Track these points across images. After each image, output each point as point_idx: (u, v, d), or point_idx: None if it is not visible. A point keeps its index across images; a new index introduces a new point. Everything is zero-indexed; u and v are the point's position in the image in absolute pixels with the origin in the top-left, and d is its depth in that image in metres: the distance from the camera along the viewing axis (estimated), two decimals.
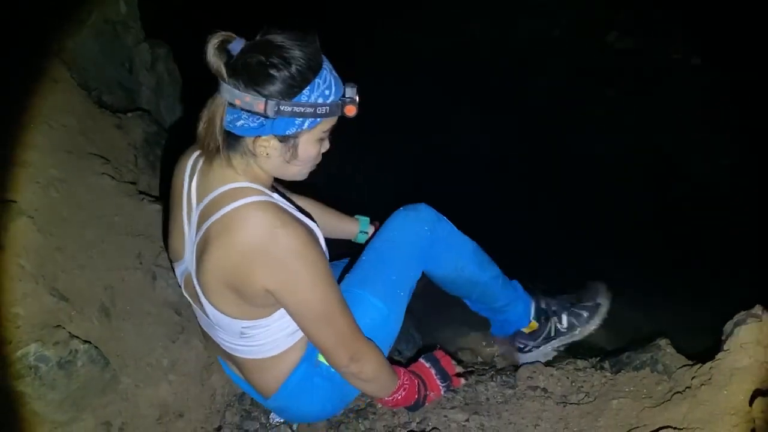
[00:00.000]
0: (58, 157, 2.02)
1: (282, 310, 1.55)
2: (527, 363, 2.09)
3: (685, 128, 4.63)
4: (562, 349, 2.14)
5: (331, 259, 1.62)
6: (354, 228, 2.12)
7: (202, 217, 1.47)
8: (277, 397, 1.71)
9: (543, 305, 2.12)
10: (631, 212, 3.93)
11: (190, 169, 1.57)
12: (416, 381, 1.86)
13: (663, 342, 1.98)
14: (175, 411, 1.82)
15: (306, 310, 1.48)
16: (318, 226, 1.64)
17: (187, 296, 1.68)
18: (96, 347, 1.64)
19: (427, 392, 1.89)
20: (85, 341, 1.62)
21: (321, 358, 1.69)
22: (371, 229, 2.13)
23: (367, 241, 1.89)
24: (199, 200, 1.51)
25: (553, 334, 2.09)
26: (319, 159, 1.54)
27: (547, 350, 2.13)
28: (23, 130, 1.97)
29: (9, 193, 1.77)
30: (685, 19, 5.35)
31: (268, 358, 1.64)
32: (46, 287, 1.66)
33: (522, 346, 2.18)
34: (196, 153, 1.56)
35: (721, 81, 4.75)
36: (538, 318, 2.10)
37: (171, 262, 1.68)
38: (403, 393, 1.81)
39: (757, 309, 1.75)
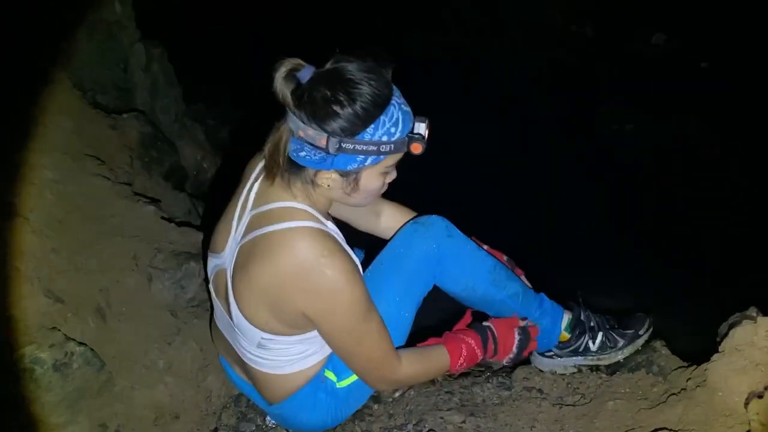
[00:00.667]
0: (52, 158, 2.02)
1: (304, 335, 1.56)
2: (523, 365, 2.08)
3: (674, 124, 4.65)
4: (583, 368, 2.03)
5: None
6: None
7: (253, 224, 1.47)
8: (281, 406, 1.71)
9: (582, 317, 2.00)
10: (625, 213, 3.94)
11: (258, 171, 1.56)
12: (475, 348, 1.73)
13: (658, 343, 1.98)
14: (171, 413, 1.82)
15: (339, 339, 1.51)
16: None
17: (212, 290, 1.67)
18: (91, 349, 1.63)
19: (496, 352, 1.78)
20: (81, 343, 1.61)
21: (327, 374, 1.69)
22: None
23: (375, 254, 1.85)
24: (254, 206, 1.51)
25: (581, 349, 1.99)
26: (385, 188, 1.52)
27: (569, 364, 2.02)
28: (18, 131, 1.96)
29: (4, 195, 1.76)
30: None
31: (279, 374, 1.64)
32: (41, 289, 1.66)
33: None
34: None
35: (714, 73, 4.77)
36: (572, 329, 1.99)
37: (207, 252, 1.67)
38: (464, 365, 1.72)
39: (752, 310, 1.75)
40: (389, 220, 1.95)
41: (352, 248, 1.53)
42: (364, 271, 1.79)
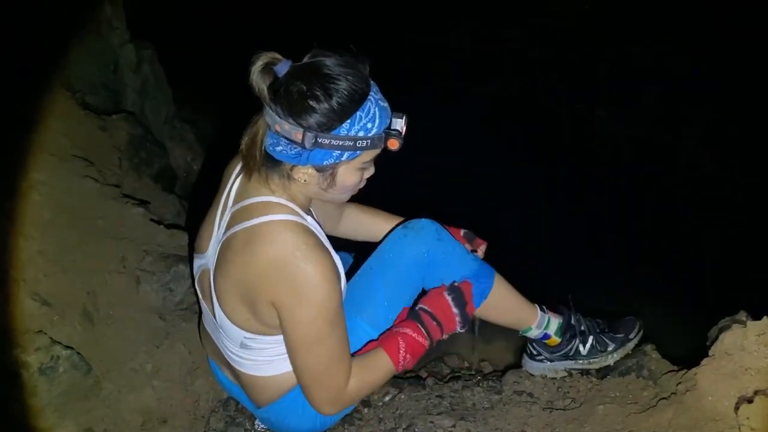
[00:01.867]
0: (40, 159, 2.00)
1: None
2: (514, 369, 2.08)
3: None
4: (574, 372, 2.02)
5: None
6: None
7: (233, 220, 1.47)
8: (269, 410, 1.69)
9: (573, 321, 1.99)
10: (615, 218, 3.96)
11: (238, 170, 1.56)
12: (414, 336, 1.65)
13: (648, 347, 1.98)
14: (159, 417, 1.80)
15: (297, 340, 1.45)
16: (367, 231, 1.81)
17: (198, 291, 1.66)
18: (78, 353, 1.62)
19: (442, 333, 1.71)
20: (67, 347, 1.60)
21: None
22: None
23: (365, 258, 1.84)
24: (234, 203, 1.51)
25: (572, 353, 1.99)
26: (363, 184, 1.52)
27: (559, 368, 2.02)
28: (4, 132, 1.94)
29: None
30: None
31: (264, 376, 1.62)
32: (28, 291, 1.64)
33: (535, 353, 2.05)
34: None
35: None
36: (563, 333, 1.98)
37: (194, 253, 1.66)
38: (408, 358, 1.63)
39: (742, 315, 1.76)
40: (348, 219, 1.95)
41: (338, 251, 1.52)
42: (352, 275, 1.79)
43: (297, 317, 1.41)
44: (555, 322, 1.98)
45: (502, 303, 1.88)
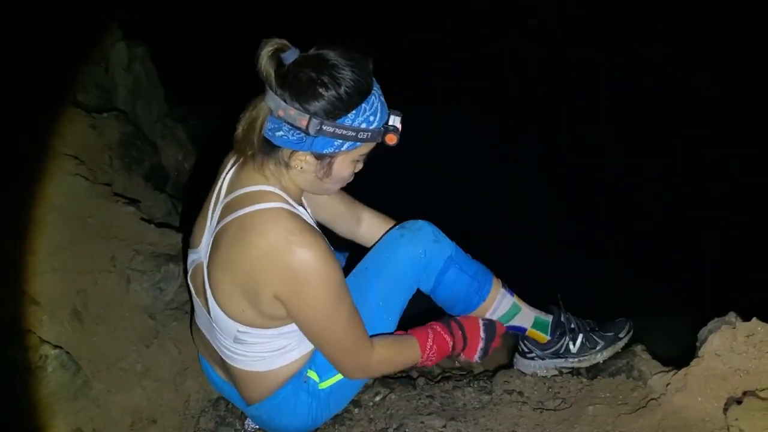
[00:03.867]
0: (30, 157, 1.99)
1: (281, 329, 1.54)
2: (504, 369, 2.08)
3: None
4: (564, 371, 2.04)
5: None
6: None
7: (224, 212, 1.48)
8: (260, 407, 1.69)
9: (563, 319, 2.02)
10: (605, 218, 3.97)
11: (230, 165, 1.57)
12: (443, 334, 1.75)
13: (638, 348, 1.99)
14: (149, 417, 1.80)
15: (311, 323, 1.49)
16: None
17: (191, 287, 1.66)
18: (67, 352, 1.61)
19: (465, 347, 1.80)
20: (56, 346, 1.59)
21: (310, 374, 1.67)
22: None
23: (360, 257, 1.84)
24: (226, 195, 1.51)
25: (562, 351, 2.01)
26: (351, 179, 1.54)
27: (549, 366, 2.04)
28: None
29: None
30: None
31: (258, 372, 1.62)
32: (17, 290, 1.63)
33: (527, 350, 2.07)
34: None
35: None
36: (553, 331, 2.01)
37: (188, 250, 1.67)
38: (435, 350, 1.72)
39: (731, 316, 1.76)
40: (370, 227, 1.95)
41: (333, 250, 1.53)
42: (346, 275, 1.79)
43: (304, 302, 1.44)
44: (543, 319, 2.01)
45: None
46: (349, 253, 2.10)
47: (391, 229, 1.86)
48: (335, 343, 1.53)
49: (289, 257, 1.38)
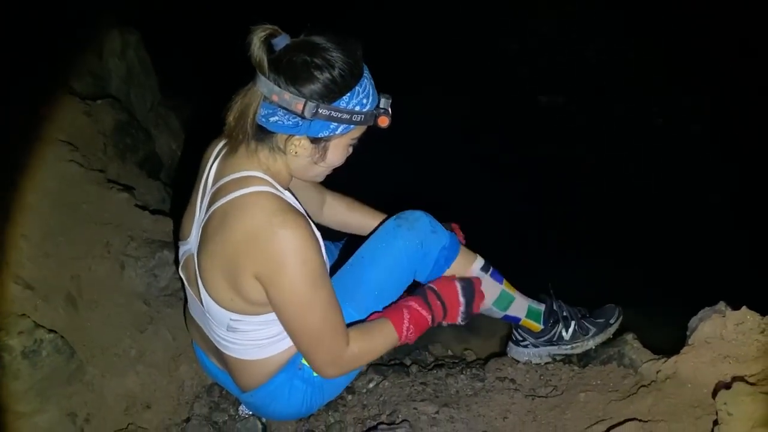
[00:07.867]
0: (24, 143, 1.98)
1: (271, 315, 1.53)
2: (497, 356, 2.10)
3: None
4: (557, 358, 2.06)
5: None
6: None
7: (212, 200, 1.48)
8: (255, 394, 1.69)
9: (555, 307, 2.04)
10: (597, 208, 3.99)
11: (215, 154, 1.57)
12: (419, 309, 1.69)
13: (629, 336, 2.01)
14: (143, 402, 1.80)
15: (287, 307, 1.46)
16: (348, 223, 1.90)
17: (183, 278, 1.66)
18: (62, 337, 1.61)
19: (444, 318, 1.75)
20: (51, 330, 1.59)
21: (305, 361, 1.67)
22: None
23: (357, 245, 1.83)
24: (213, 184, 1.52)
25: (555, 339, 2.03)
26: (341, 164, 1.54)
27: (543, 353, 2.06)
28: None
29: None
30: None
31: (252, 359, 1.62)
32: (11, 275, 1.63)
33: (520, 338, 2.08)
34: (224, 140, 1.54)
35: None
36: (546, 319, 2.03)
37: (178, 242, 1.67)
38: (412, 330, 1.66)
39: (721, 305, 1.78)
40: (330, 208, 1.99)
41: (326, 242, 1.53)
42: (342, 265, 1.79)
43: (281, 283, 1.41)
44: (536, 308, 2.02)
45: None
46: (343, 243, 2.10)
47: (388, 218, 1.86)
48: (308, 331, 1.48)
49: (269, 237, 1.37)
